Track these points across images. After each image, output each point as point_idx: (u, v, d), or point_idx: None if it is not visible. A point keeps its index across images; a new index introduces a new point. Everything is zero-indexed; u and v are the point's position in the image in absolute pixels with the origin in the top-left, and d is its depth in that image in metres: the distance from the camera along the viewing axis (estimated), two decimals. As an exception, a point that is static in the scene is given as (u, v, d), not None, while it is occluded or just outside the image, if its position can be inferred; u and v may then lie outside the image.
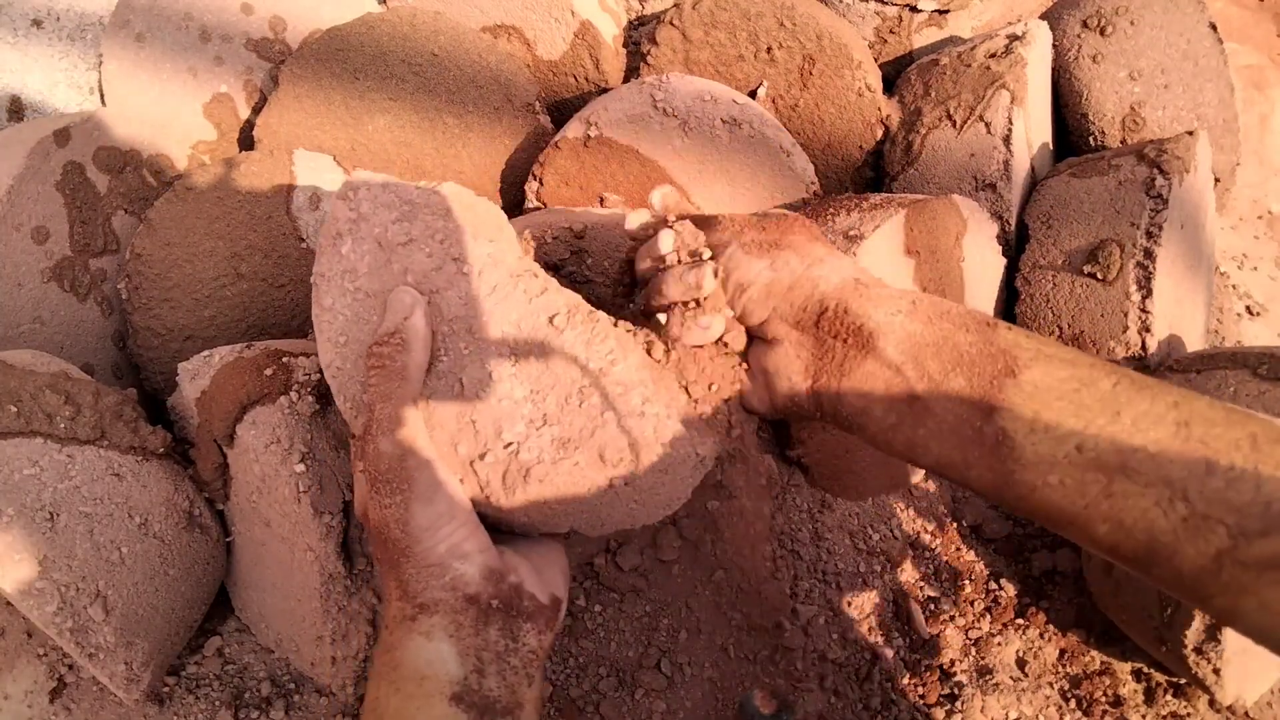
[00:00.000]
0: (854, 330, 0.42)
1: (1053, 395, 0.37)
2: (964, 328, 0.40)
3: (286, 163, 0.75)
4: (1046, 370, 0.38)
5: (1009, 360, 0.39)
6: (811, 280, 0.44)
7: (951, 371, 0.39)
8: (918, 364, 0.40)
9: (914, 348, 0.40)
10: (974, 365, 0.39)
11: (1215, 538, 0.33)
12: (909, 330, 0.41)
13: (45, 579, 0.54)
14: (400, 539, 0.42)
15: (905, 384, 0.40)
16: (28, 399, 0.57)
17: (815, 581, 0.76)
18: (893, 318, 0.41)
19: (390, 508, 0.42)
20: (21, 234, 0.69)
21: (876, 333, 0.41)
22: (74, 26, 0.88)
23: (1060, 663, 0.75)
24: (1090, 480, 0.36)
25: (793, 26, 0.84)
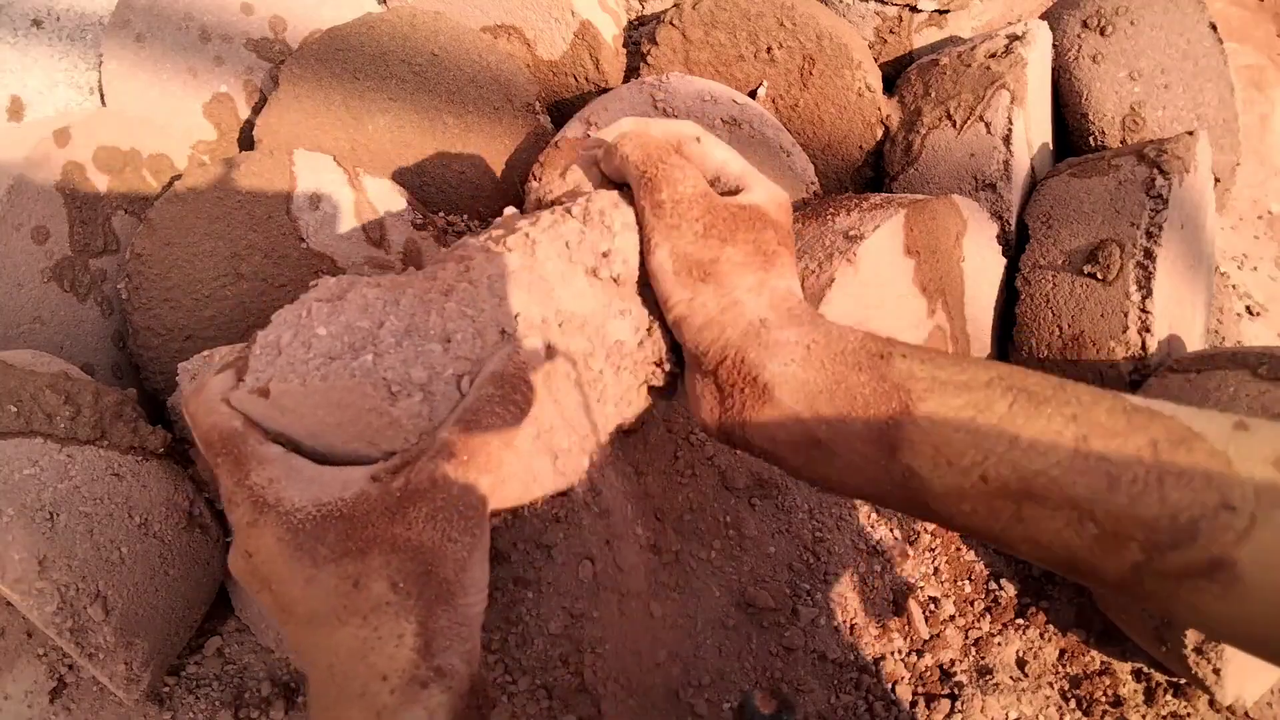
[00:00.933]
0: (750, 380, 0.42)
1: (950, 428, 0.37)
2: (857, 367, 0.40)
3: (286, 163, 0.75)
4: (941, 401, 0.38)
5: (903, 396, 0.38)
6: (720, 325, 0.43)
7: (847, 414, 0.39)
8: (813, 411, 0.40)
9: (809, 395, 0.40)
10: (869, 406, 0.39)
11: (1129, 553, 0.33)
12: (802, 379, 0.41)
13: (45, 579, 0.54)
14: (450, 581, 0.37)
15: (805, 429, 0.40)
16: (28, 399, 0.57)
17: (816, 582, 0.76)
18: (786, 368, 0.41)
19: (455, 543, 0.37)
20: (21, 234, 0.69)
21: (771, 384, 0.41)
22: (74, 26, 0.88)
23: (1060, 663, 0.75)
24: (1000, 507, 0.36)
25: (793, 26, 0.84)
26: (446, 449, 0.39)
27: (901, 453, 0.38)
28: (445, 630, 0.36)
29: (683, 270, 0.45)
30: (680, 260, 0.45)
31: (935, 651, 0.74)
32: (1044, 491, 0.35)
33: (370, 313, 0.41)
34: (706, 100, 0.77)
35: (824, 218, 0.73)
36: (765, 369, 0.41)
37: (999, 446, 0.36)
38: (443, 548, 0.37)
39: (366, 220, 0.77)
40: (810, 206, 0.78)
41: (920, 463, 0.37)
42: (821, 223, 0.73)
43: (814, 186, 0.81)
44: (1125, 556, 0.33)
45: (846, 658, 0.73)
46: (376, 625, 0.36)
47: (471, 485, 0.38)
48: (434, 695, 0.35)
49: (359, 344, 0.39)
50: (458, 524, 0.37)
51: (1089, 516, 0.34)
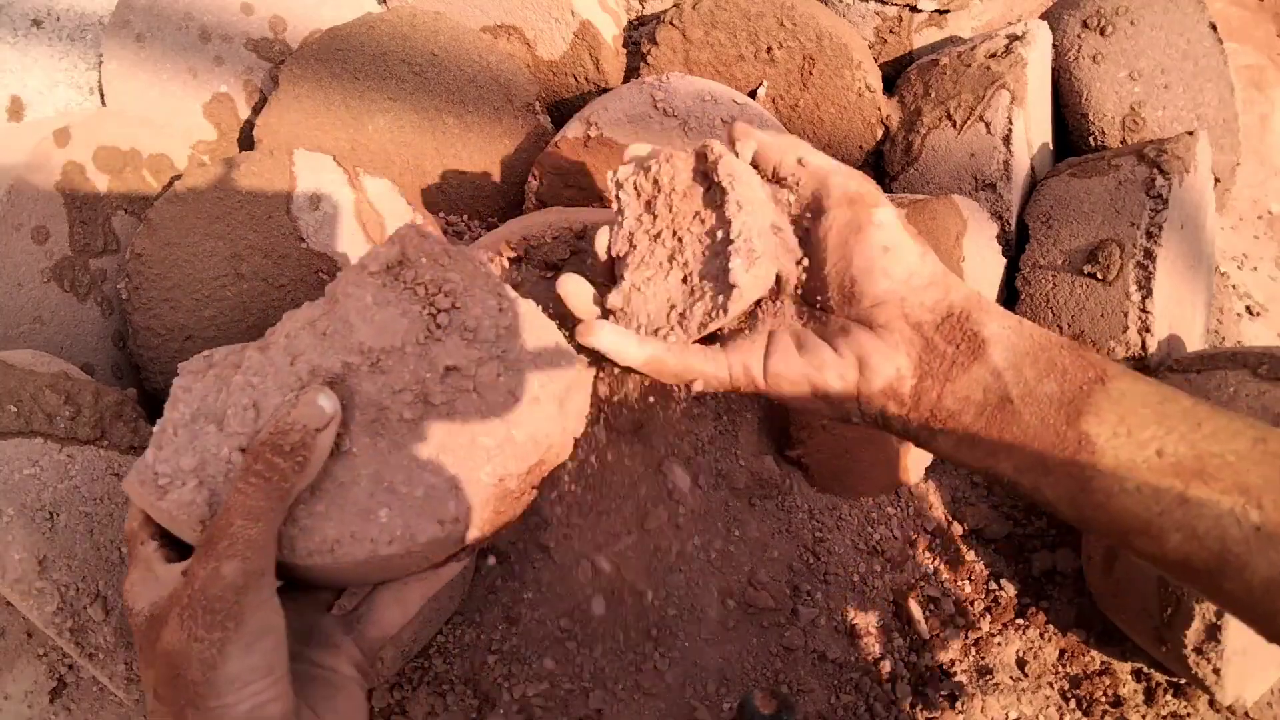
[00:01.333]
0: (970, 336, 0.43)
1: (1137, 402, 0.39)
2: (1061, 345, 0.43)
3: (286, 163, 0.75)
4: (1133, 382, 0.40)
5: (1099, 370, 0.41)
6: (946, 286, 0.45)
7: (1046, 377, 0.41)
8: (1017, 370, 0.42)
9: (1016, 356, 0.42)
10: (1066, 372, 0.41)
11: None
12: (1014, 341, 0.43)
13: (45, 579, 0.54)
14: (198, 683, 0.34)
15: (1003, 388, 0.42)
16: (28, 399, 0.57)
17: (816, 582, 0.76)
18: (1004, 330, 0.43)
19: (202, 642, 0.34)
20: (21, 234, 0.69)
21: (988, 340, 0.43)
22: (74, 26, 0.88)
23: (1060, 663, 0.75)
24: (1167, 486, 0.37)
25: (793, 26, 0.84)
26: (201, 540, 0.37)
27: (1084, 418, 0.40)
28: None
29: (911, 230, 0.46)
30: (905, 221, 0.47)
31: (935, 652, 0.74)
32: (1217, 473, 0.36)
33: (176, 403, 0.40)
34: (707, 100, 0.77)
35: (824, 218, 0.73)
36: (986, 327, 0.43)
37: (1181, 426, 0.38)
38: (188, 649, 0.35)
39: (366, 220, 0.77)
40: (810, 206, 0.78)
41: (1100, 429, 0.39)
42: (821, 223, 0.72)
43: (814, 186, 0.81)
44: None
45: (847, 658, 0.73)
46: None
47: (215, 575, 0.35)
48: None
49: (155, 440, 0.39)
50: (202, 621, 0.34)
51: (1256, 505, 0.35)
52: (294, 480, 0.37)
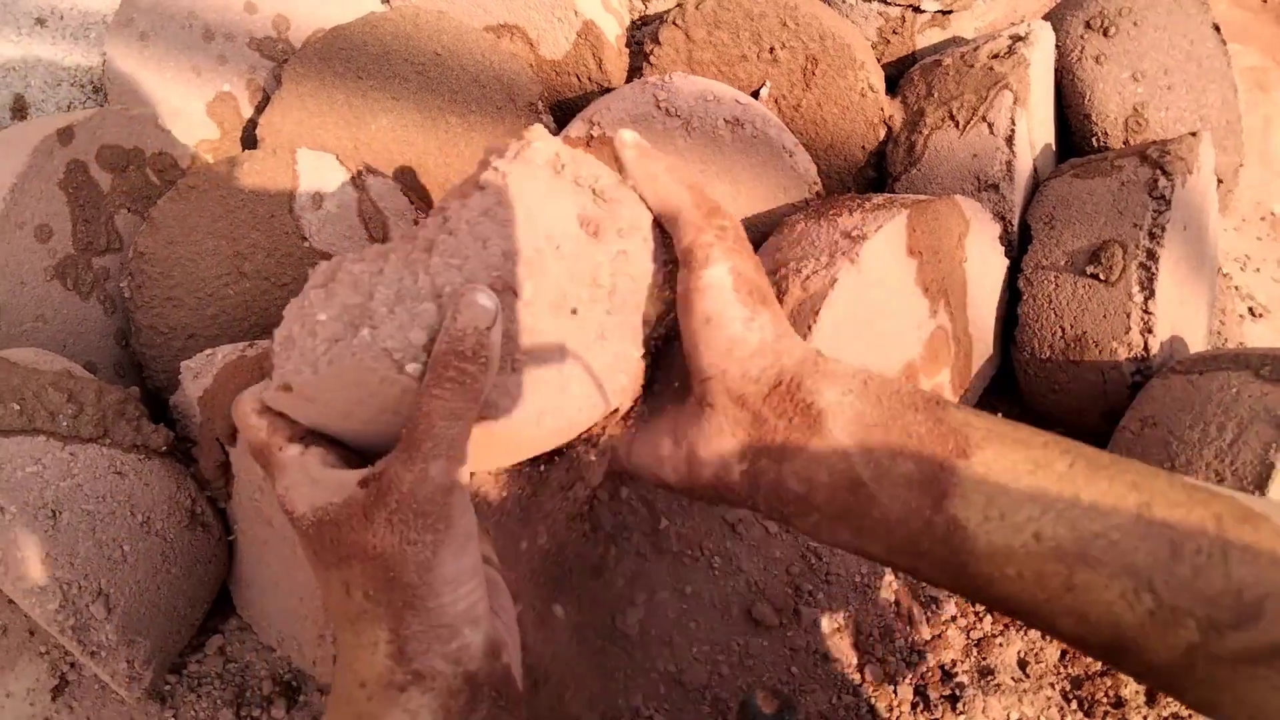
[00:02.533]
0: (803, 409, 0.39)
1: (1007, 478, 0.35)
2: (912, 407, 0.38)
3: (290, 162, 0.75)
4: (999, 451, 0.36)
5: (959, 440, 0.36)
6: (775, 352, 0.40)
7: (899, 455, 0.37)
8: (864, 447, 0.37)
9: (862, 429, 0.38)
10: (923, 446, 0.37)
11: (1185, 631, 0.31)
12: (858, 410, 0.38)
13: (47, 577, 0.54)
14: (416, 585, 0.35)
15: (851, 469, 0.37)
16: (30, 397, 0.57)
17: (818, 583, 0.76)
18: (843, 398, 0.39)
19: (415, 545, 0.35)
20: (24, 232, 0.69)
21: (825, 412, 0.38)
22: (77, 25, 0.88)
23: (1062, 663, 0.75)
24: (1050, 572, 0.34)
25: (796, 27, 0.84)
26: (400, 443, 0.37)
27: (950, 502, 0.36)
28: (419, 635, 0.35)
29: (743, 289, 0.42)
30: (741, 280, 0.42)
31: (936, 652, 0.74)
32: (1102, 555, 0.33)
33: (359, 287, 0.40)
34: (709, 100, 0.77)
35: (826, 218, 0.73)
36: (821, 396, 0.39)
37: (1058, 504, 0.34)
38: (402, 552, 0.35)
39: (369, 219, 0.78)
40: (813, 207, 0.78)
41: (969, 514, 0.35)
42: (824, 223, 0.73)
43: (816, 187, 0.81)
44: (1180, 636, 0.31)
45: (847, 658, 0.73)
46: (359, 631, 0.36)
47: (420, 477, 0.36)
48: (413, 698, 0.35)
49: (355, 320, 0.39)
50: (415, 524, 0.36)
51: (1147, 588, 0.32)
52: (482, 380, 0.38)
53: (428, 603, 0.35)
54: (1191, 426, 0.68)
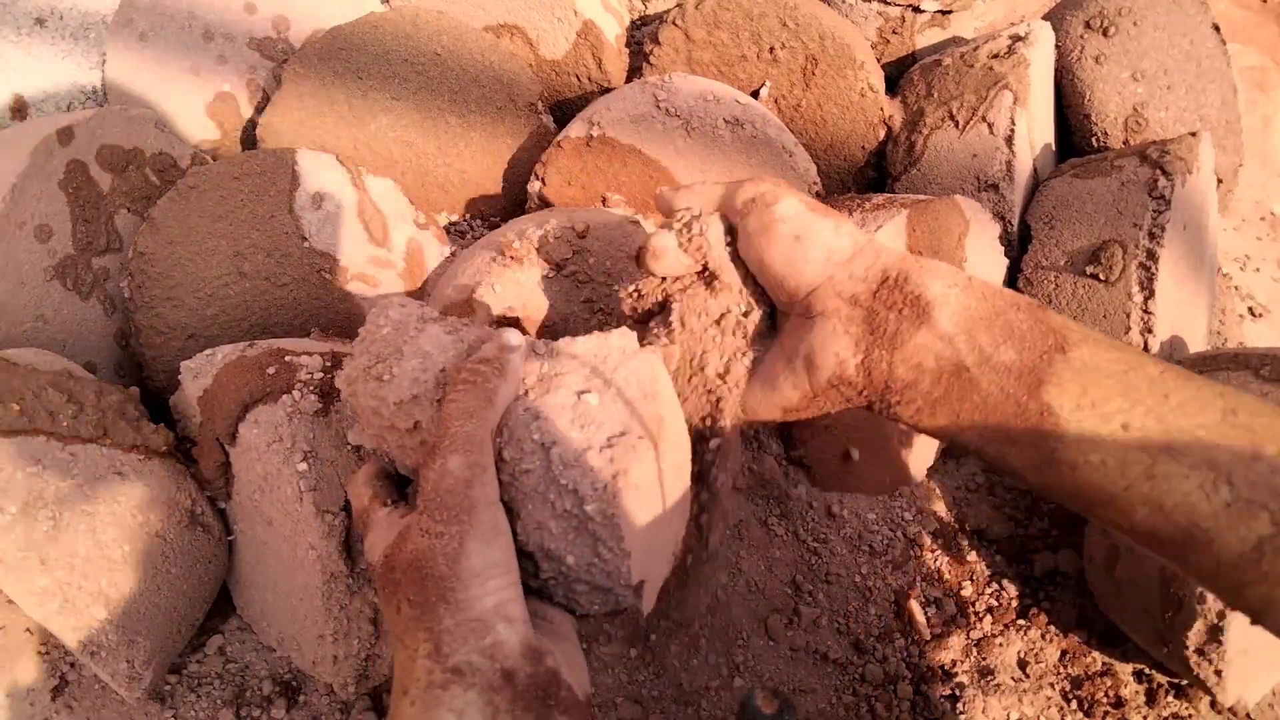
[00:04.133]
0: (911, 300, 0.41)
1: (1101, 373, 0.37)
2: (1015, 305, 0.40)
3: (289, 162, 0.75)
4: (1095, 350, 0.38)
5: (1059, 337, 0.39)
6: (874, 250, 0.43)
7: (1002, 344, 0.39)
8: (969, 336, 0.40)
9: (967, 320, 0.40)
10: (1024, 339, 0.39)
11: (1258, 524, 0.33)
12: (964, 303, 0.40)
13: (47, 577, 0.54)
14: (445, 577, 0.36)
15: (956, 355, 0.40)
16: (30, 397, 0.57)
17: (818, 582, 0.76)
18: (949, 290, 0.41)
19: (442, 537, 0.36)
20: (24, 232, 0.69)
21: (933, 304, 0.40)
22: (77, 25, 0.88)
23: (1062, 663, 0.75)
24: (1133, 460, 0.35)
25: (795, 26, 0.84)
26: (425, 447, 0.40)
27: (1046, 389, 0.38)
28: (452, 630, 0.35)
29: (818, 208, 0.44)
30: (809, 203, 0.44)
31: (936, 652, 0.74)
32: (1185, 449, 0.34)
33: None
34: (709, 100, 0.77)
35: (826, 218, 0.73)
36: (929, 288, 0.41)
37: (1148, 399, 0.36)
38: (431, 547, 0.36)
39: (369, 219, 0.78)
40: (812, 207, 0.78)
41: (1063, 401, 0.37)
42: (824, 223, 0.72)
43: (816, 187, 0.81)
44: (1253, 528, 0.33)
45: (847, 658, 0.73)
46: (406, 644, 0.37)
47: (441, 470, 0.37)
48: (456, 695, 0.34)
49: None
50: (439, 515, 0.37)
51: (1225, 480, 0.34)
52: (496, 383, 0.40)
53: (457, 594, 0.36)
54: (1191, 426, 0.68)
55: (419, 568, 0.36)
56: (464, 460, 0.38)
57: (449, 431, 0.38)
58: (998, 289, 0.41)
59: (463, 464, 0.37)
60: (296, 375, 0.61)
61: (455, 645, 0.35)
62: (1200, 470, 0.34)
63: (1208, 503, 0.34)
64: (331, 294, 0.75)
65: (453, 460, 0.37)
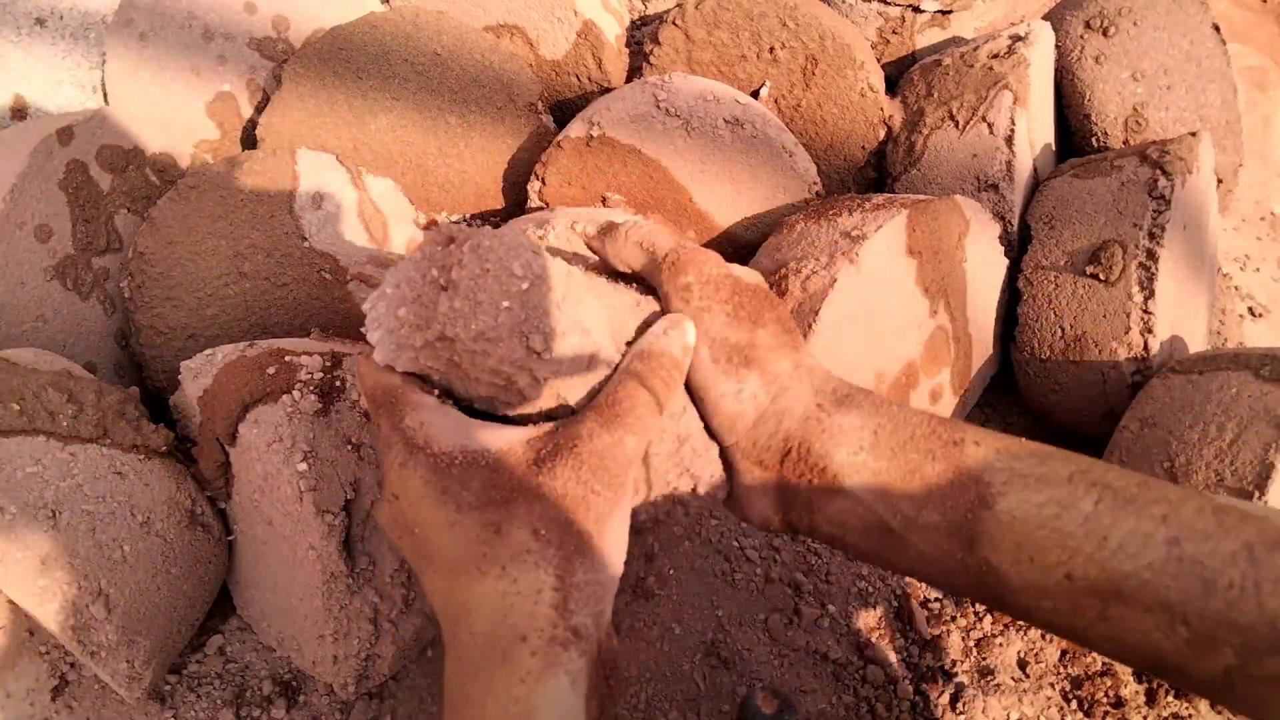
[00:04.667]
0: (818, 471, 0.40)
1: (1032, 525, 0.35)
2: (930, 455, 0.38)
3: (289, 162, 0.75)
4: (1022, 497, 0.36)
5: (981, 489, 0.37)
6: (776, 416, 0.41)
7: (923, 507, 0.38)
8: (887, 502, 0.38)
9: (880, 486, 0.39)
10: (945, 498, 0.37)
11: (1223, 656, 0.32)
12: (873, 469, 0.39)
13: (47, 577, 0.54)
14: (590, 533, 0.36)
15: (878, 519, 0.39)
16: (30, 397, 0.57)
17: (818, 582, 0.76)
18: (855, 458, 0.39)
19: (597, 495, 0.36)
20: (24, 232, 0.69)
21: (840, 474, 0.39)
22: (77, 25, 0.88)
23: (1062, 663, 0.75)
24: (1085, 605, 0.35)
25: (795, 26, 0.84)
26: (596, 409, 0.39)
27: (980, 546, 0.37)
28: (581, 586, 0.35)
29: (722, 358, 0.42)
30: (718, 347, 0.42)
31: (937, 652, 0.74)
32: (1134, 594, 0.33)
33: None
34: (709, 100, 0.77)
35: (826, 218, 0.73)
36: (832, 459, 0.39)
37: (1086, 546, 0.34)
38: (585, 498, 0.36)
39: (369, 219, 0.78)
40: (812, 207, 0.78)
41: (1000, 558, 0.36)
42: (824, 223, 0.73)
43: (816, 187, 0.81)
44: (1218, 660, 0.32)
45: (847, 658, 0.73)
46: (516, 576, 0.35)
47: (618, 442, 0.37)
48: (573, 660, 0.34)
49: None
50: (601, 477, 0.36)
51: (1181, 620, 0.33)
52: (678, 389, 0.40)
53: (598, 555, 0.36)
54: (1191, 426, 0.68)
55: (566, 510, 0.36)
56: (638, 445, 0.38)
57: (636, 412, 0.38)
58: (908, 435, 0.39)
59: (636, 447, 0.38)
60: (296, 375, 0.60)
61: (581, 603, 0.35)
62: (1154, 613, 0.33)
63: (1168, 641, 0.33)
64: (331, 294, 0.75)
65: (630, 440, 0.38)
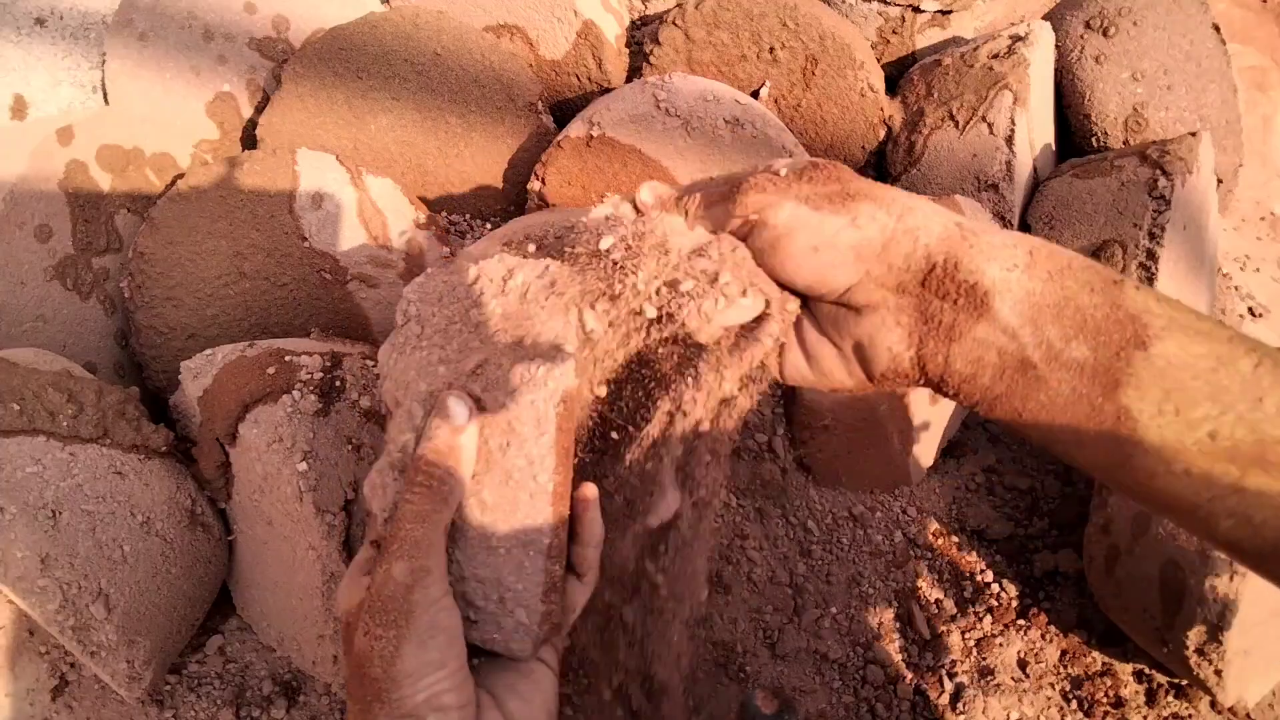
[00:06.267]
0: (966, 290, 0.36)
1: (1186, 373, 0.33)
2: (1088, 287, 0.35)
3: (289, 162, 0.75)
4: (1181, 344, 0.34)
5: (1138, 328, 0.34)
6: (910, 234, 0.37)
7: (1073, 338, 0.35)
8: (1036, 328, 0.35)
9: (1032, 309, 0.35)
10: (1099, 331, 0.34)
11: None
12: (1027, 289, 0.36)
13: (47, 577, 0.54)
14: (380, 679, 0.37)
15: (1021, 350, 0.35)
16: (30, 397, 0.57)
17: (819, 583, 0.76)
18: (1009, 274, 0.36)
19: (380, 640, 0.37)
20: (24, 232, 0.69)
21: (992, 291, 0.36)
22: (77, 25, 0.88)
23: (1062, 663, 0.75)
24: (1220, 472, 0.32)
25: (795, 27, 0.84)
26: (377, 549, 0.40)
27: (1123, 391, 0.34)
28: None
29: (823, 203, 0.38)
30: (813, 199, 0.38)
31: (937, 652, 0.74)
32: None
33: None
34: (709, 100, 0.77)
35: (826, 218, 0.73)
36: (984, 274, 0.36)
37: (1240, 404, 0.32)
38: (369, 648, 0.37)
39: (369, 219, 0.78)
40: (812, 207, 0.78)
41: (1143, 405, 0.33)
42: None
43: (816, 187, 0.81)
44: None
45: (848, 658, 0.73)
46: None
47: (387, 577, 0.38)
48: None
49: None
50: (379, 618, 0.37)
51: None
52: (450, 484, 0.39)
53: (391, 694, 0.37)
54: (1191, 426, 0.68)
55: (359, 666, 0.38)
56: (408, 567, 0.38)
57: (399, 534, 0.39)
58: (1066, 261, 0.37)
59: (406, 570, 0.38)
60: (296, 375, 0.60)
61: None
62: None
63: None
64: (331, 294, 0.75)
65: (397, 566, 0.38)
